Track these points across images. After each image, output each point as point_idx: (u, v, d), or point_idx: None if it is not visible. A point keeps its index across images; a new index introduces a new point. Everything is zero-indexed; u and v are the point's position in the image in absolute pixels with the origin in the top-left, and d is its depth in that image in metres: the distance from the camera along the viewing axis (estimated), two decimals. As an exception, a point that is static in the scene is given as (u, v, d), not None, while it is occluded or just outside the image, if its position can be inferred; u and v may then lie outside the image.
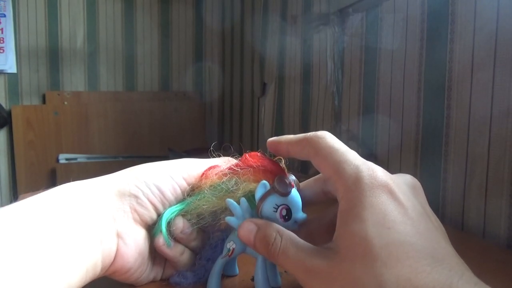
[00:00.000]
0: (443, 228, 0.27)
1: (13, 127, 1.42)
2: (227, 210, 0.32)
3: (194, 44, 1.67)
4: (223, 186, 0.33)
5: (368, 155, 0.73)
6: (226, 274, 0.36)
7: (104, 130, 1.52)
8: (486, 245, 0.48)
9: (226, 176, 0.33)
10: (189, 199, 0.34)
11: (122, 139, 1.55)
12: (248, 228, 0.30)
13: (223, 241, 0.34)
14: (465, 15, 0.53)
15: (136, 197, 0.32)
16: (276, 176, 0.31)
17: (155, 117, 1.57)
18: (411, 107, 0.63)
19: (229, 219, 0.32)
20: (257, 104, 1.27)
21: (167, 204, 0.34)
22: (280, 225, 0.30)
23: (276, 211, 0.30)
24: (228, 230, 0.35)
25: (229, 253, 0.33)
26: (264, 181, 0.31)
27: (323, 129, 0.30)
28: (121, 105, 1.55)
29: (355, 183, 0.25)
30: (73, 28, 1.49)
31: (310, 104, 0.94)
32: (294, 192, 0.31)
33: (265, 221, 0.30)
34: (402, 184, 0.27)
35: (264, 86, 1.21)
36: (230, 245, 0.33)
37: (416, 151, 0.62)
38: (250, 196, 0.32)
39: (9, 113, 1.42)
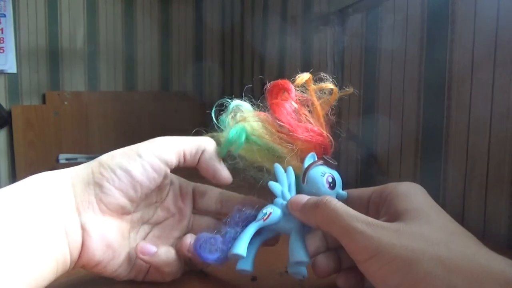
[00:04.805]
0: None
1: (13, 127, 1.42)
2: (270, 174, 0.33)
3: (194, 44, 1.67)
4: (278, 149, 0.33)
5: (368, 155, 0.73)
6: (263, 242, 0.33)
7: (104, 130, 1.52)
8: (486, 245, 0.48)
9: (296, 104, 0.35)
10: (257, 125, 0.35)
11: (122, 139, 1.54)
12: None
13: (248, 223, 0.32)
14: (465, 15, 0.53)
15: (100, 186, 0.31)
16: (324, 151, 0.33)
17: (155, 117, 1.57)
18: (411, 107, 0.63)
19: (272, 185, 0.32)
20: (257, 104, 1.27)
21: (139, 187, 0.32)
22: (325, 191, 0.31)
23: (324, 176, 0.31)
24: (251, 216, 0.32)
25: (265, 218, 0.31)
26: (313, 153, 0.33)
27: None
28: (121, 105, 1.54)
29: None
30: (73, 28, 1.49)
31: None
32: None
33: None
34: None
35: (264, 86, 1.21)
36: (267, 209, 0.31)
37: (416, 151, 0.62)
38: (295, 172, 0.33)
39: (9, 113, 1.42)
